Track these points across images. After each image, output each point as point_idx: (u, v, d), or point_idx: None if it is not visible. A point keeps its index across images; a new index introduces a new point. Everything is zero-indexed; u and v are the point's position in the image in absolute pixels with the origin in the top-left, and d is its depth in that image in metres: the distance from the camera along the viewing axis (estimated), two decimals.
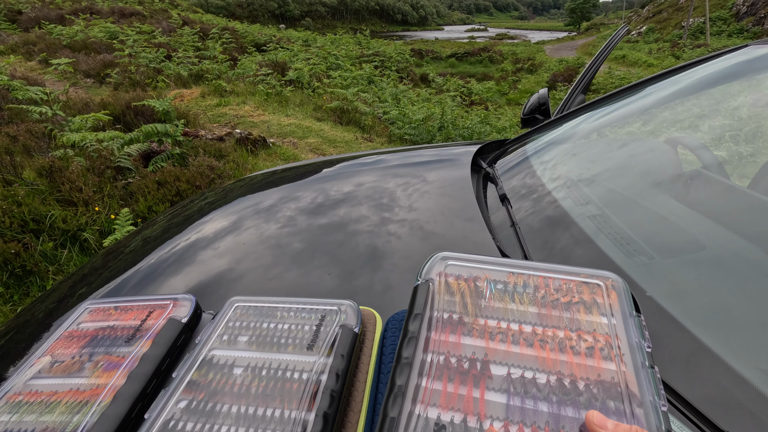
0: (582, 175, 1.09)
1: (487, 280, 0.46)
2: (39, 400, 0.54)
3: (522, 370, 0.38)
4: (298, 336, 0.56)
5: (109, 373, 0.56)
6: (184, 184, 2.44)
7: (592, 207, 0.94)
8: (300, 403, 0.47)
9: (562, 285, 0.45)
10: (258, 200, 1.15)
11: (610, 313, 0.42)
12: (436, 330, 0.41)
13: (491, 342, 0.40)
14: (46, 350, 0.62)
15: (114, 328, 0.64)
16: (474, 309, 0.43)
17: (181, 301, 0.66)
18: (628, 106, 1.35)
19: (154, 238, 1.10)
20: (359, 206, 1.02)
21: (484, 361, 0.39)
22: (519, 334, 0.41)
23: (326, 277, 0.79)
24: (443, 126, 5.12)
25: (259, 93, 6.41)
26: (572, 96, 2.04)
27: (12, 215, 1.90)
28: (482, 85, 13.53)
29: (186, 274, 0.88)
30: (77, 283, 0.98)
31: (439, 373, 0.38)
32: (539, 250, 0.83)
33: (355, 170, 1.32)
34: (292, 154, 4.26)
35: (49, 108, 2.83)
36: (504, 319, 0.42)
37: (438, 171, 1.27)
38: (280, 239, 0.93)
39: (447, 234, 0.89)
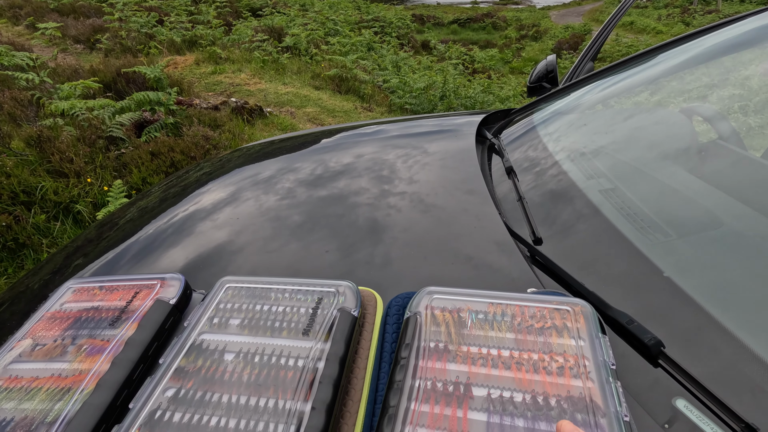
0: (593, 146, 1.04)
1: (469, 311, 0.50)
2: (19, 387, 0.51)
3: (501, 391, 0.41)
4: (293, 320, 0.52)
5: (92, 358, 0.53)
6: (179, 154, 2.37)
7: (603, 180, 0.89)
8: (296, 393, 0.44)
9: (536, 312, 0.49)
10: (255, 172, 1.10)
11: (578, 335, 0.46)
12: (424, 358, 0.45)
13: (473, 366, 0.44)
14: (26, 332, 0.59)
15: (98, 309, 0.60)
16: (457, 337, 0.47)
17: (169, 280, 0.62)
18: (639, 75, 1.28)
19: (149, 210, 1.05)
20: (359, 178, 0.97)
21: (466, 384, 0.42)
22: (498, 359, 0.44)
23: (324, 253, 0.75)
24: (445, 95, 4.97)
25: (255, 60, 6.21)
26: (581, 63, 1.95)
27: (1, 186, 1.84)
28: (485, 53, 13.15)
29: (180, 248, 0.84)
30: (71, 255, 0.95)
31: (426, 396, 0.41)
32: (547, 225, 0.79)
33: (356, 141, 1.26)
34: (289, 123, 4.15)
35: (36, 75, 2.72)
36: (484, 346, 0.46)
37: (441, 142, 1.21)
38: (277, 213, 0.88)
39: (449, 207, 0.85)
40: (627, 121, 1.18)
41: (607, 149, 1.02)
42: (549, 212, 0.83)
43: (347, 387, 0.47)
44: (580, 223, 0.78)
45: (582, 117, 1.22)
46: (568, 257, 0.69)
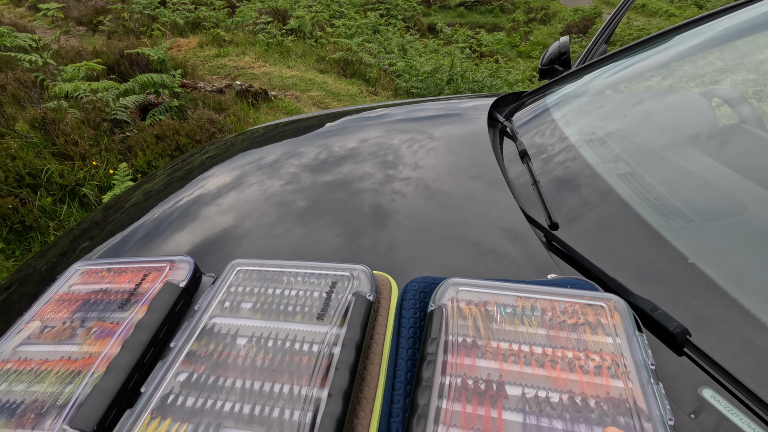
0: (610, 130, 1.01)
1: (496, 304, 0.48)
2: (28, 369, 0.50)
3: (536, 390, 0.39)
4: (306, 304, 0.51)
5: (102, 341, 0.52)
6: (184, 138, 2.35)
7: (621, 164, 0.87)
8: (311, 378, 0.42)
9: (568, 307, 0.47)
10: (260, 156, 1.08)
11: (614, 333, 0.44)
12: (452, 353, 0.43)
13: (504, 363, 0.42)
14: (35, 314, 0.58)
15: (107, 291, 0.59)
16: (486, 332, 0.45)
17: (178, 263, 0.61)
18: (655, 58, 1.23)
19: (155, 193, 1.04)
20: (370, 162, 0.95)
21: (499, 382, 0.40)
22: (530, 356, 0.42)
23: (333, 237, 0.73)
24: (452, 79, 4.88)
25: (260, 43, 6.12)
26: (595, 46, 1.90)
27: (6, 169, 1.83)
28: (492, 37, 12.91)
29: (186, 232, 0.83)
30: (78, 238, 0.94)
31: (457, 395, 0.39)
32: (563, 210, 0.76)
33: (367, 124, 1.23)
34: (294, 107, 4.11)
35: (39, 56, 2.68)
36: (515, 342, 0.44)
37: (452, 125, 1.18)
38: (284, 197, 0.86)
39: (462, 192, 0.83)
40: (644, 104, 1.14)
41: (624, 133, 0.99)
42: (565, 197, 0.81)
43: (363, 373, 0.46)
44: (598, 207, 0.76)
45: (598, 100, 1.18)
46: (586, 243, 0.67)
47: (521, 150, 0.97)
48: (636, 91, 1.20)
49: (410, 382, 0.44)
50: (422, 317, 0.50)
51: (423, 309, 0.51)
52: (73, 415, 0.43)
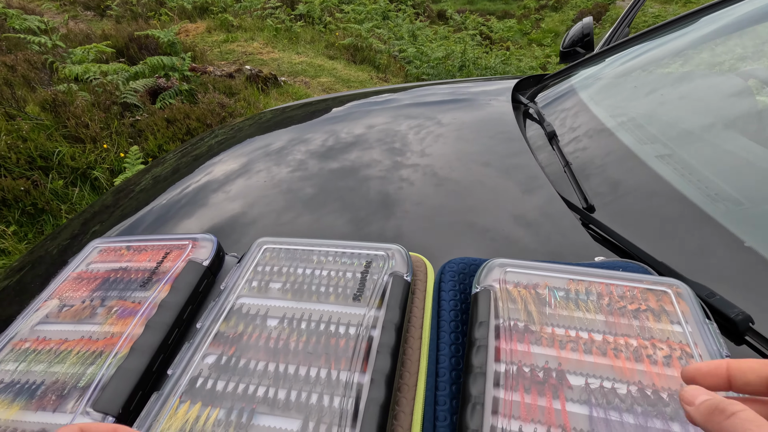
0: (643, 111, 0.96)
1: (547, 287, 0.44)
2: (48, 348, 0.48)
3: (600, 380, 0.36)
4: (340, 284, 0.48)
5: (124, 321, 0.49)
6: (195, 122, 2.31)
7: (658, 146, 0.82)
8: (351, 362, 0.39)
9: (626, 292, 0.43)
10: (270, 140, 1.05)
11: (682, 321, 0.40)
12: (504, 339, 0.39)
13: (562, 351, 0.38)
14: (53, 293, 0.55)
15: (127, 270, 0.56)
16: (539, 317, 0.41)
17: (200, 241, 0.58)
18: (685, 38, 1.18)
19: (165, 177, 1.01)
20: (396, 144, 0.91)
21: (559, 371, 0.37)
22: (590, 343, 0.39)
23: (361, 217, 0.70)
24: (464, 65, 4.79)
25: (268, 28, 6.04)
26: (619, 28, 1.83)
27: (18, 151, 1.81)
28: (503, 24, 12.67)
29: (199, 215, 0.80)
30: (89, 221, 0.92)
31: (514, 384, 0.36)
32: (600, 193, 0.72)
33: (390, 106, 1.19)
34: (304, 93, 4.05)
35: (48, 38, 2.65)
36: (571, 327, 0.40)
37: (475, 107, 1.14)
38: (298, 179, 0.83)
39: (493, 173, 0.79)
40: (678, 85, 1.09)
41: (659, 114, 0.94)
42: (600, 178, 0.77)
43: (402, 358, 0.43)
44: (639, 189, 0.72)
45: (629, 81, 1.13)
46: (628, 225, 0.64)
47: (549, 131, 0.93)
48: (668, 72, 1.14)
49: (455, 368, 0.41)
50: (463, 300, 0.47)
51: (463, 291, 0.48)
52: (97, 397, 0.41)
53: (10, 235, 1.69)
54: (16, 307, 0.70)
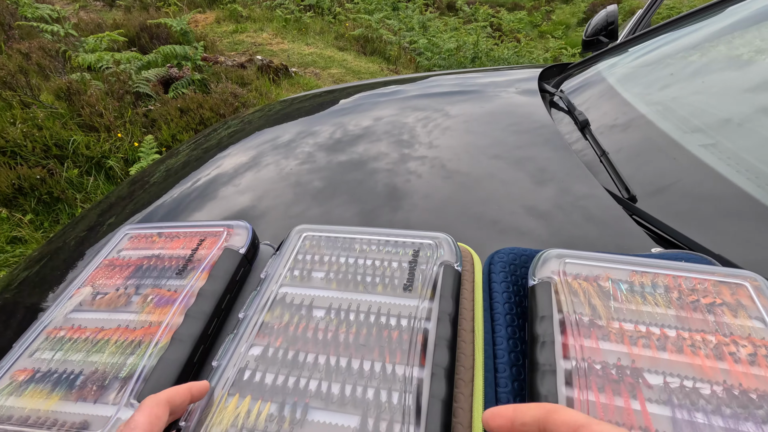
0: (681, 100, 0.92)
1: (610, 279, 0.41)
2: (84, 337, 0.46)
3: (680, 379, 0.33)
4: (387, 274, 0.46)
5: (161, 310, 0.47)
6: (208, 111, 2.29)
7: (700, 135, 0.79)
8: (408, 356, 0.37)
9: (696, 285, 0.40)
10: (281, 132, 1.04)
11: (765, 315, 0.37)
12: (570, 334, 0.37)
13: (633, 347, 0.36)
14: (85, 280, 0.54)
15: (160, 257, 0.55)
16: (605, 311, 0.38)
17: (235, 228, 0.56)
18: (720, 25, 1.13)
19: (178, 168, 1.00)
20: (437, 131, 0.89)
21: (633, 368, 0.34)
22: (664, 339, 0.36)
23: (394, 209, 0.68)
24: (477, 57, 4.72)
25: (277, 19, 5.99)
26: (644, 17, 1.79)
27: (34, 139, 1.80)
28: (513, 16, 12.49)
29: (217, 205, 0.79)
30: (105, 212, 0.91)
31: (587, 382, 0.33)
32: (644, 183, 0.69)
33: (425, 93, 1.17)
34: (315, 85, 4.02)
35: (61, 27, 2.64)
36: (641, 322, 0.37)
37: (503, 95, 1.11)
38: (320, 169, 0.81)
39: (530, 163, 0.76)
40: (717, 73, 1.05)
41: (699, 103, 0.91)
42: (642, 167, 0.74)
43: (456, 352, 0.41)
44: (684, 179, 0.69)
45: (663, 68, 1.09)
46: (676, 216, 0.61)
47: (582, 120, 0.89)
48: (706, 60, 1.10)
49: (516, 363, 0.39)
50: (517, 291, 0.45)
51: (516, 282, 0.46)
52: (141, 388, 0.39)
53: (27, 223, 1.69)
54: (36, 298, 0.70)
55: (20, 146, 1.77)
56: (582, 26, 10.07)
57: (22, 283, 0.77)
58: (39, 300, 0.69)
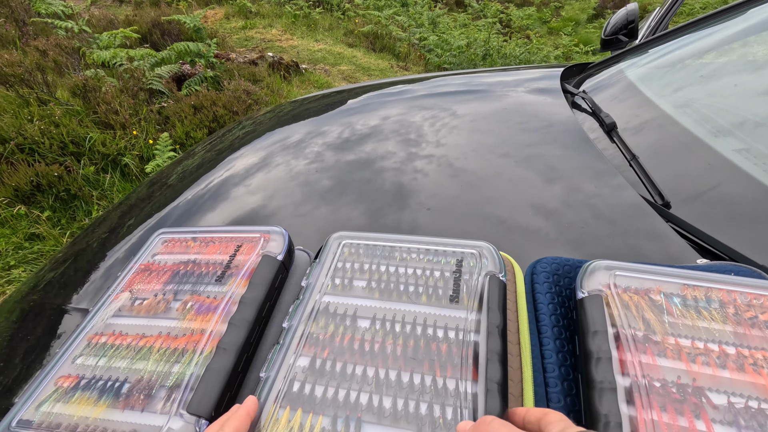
0: (711, 103, 0.91)
1: (661, 293, 0.40)
2: (125, 344, 0.46)
3: (745, 399, 0.32)
4: (430, 284, 0.45)
5: (203, 317, 0.47)
6: (221, 109, 2.30)
7: (732, 140, 0.78)
8: (461, 370, 0.37)
9: (752, 300, 0.39)
10: (292, 133, 1.04)
11: None
12: (625, 350, 0.36)
13: (693, 365, 0.35)
14: (123, 285, 0.54)
15: (197, 263, 0.55)
16: (660, 326, 0.38)
17: (272, 234, 0.56)
18: (745, 25, 1.11)
19: (194, 170, 1.02)
20: (465, 130, 0.88)
21: (695, 387, 0.33)
22: (723, 357, 0.35)
23: (425, 210, 0.67)
24: (488, 54, 4.68)
25: (286, 15, 5.97)
26: (665, 16, 1.75)
27: (51, 136, 1.81)
28: (522, 12, 12.36)
29: (236, 205, 0.80)
30: (126, 213, 0.92)
31: (649, 401, 0.32)
32: (674, 188, 0.68)
33: (442, 93, 1.16)
34: (325, 81, 4.01)
35: (74, 23, 2.65)
36: (698, 339, 0.37)
37: (523, 96, 1.10)
38: (340, 170, 0.81)
39: (559, 168, 0.75)
40: (748, 75, 1.03)
41: (730, 106, 0.89)
42: (671, 173, 0.73)
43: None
44: (719, 185, 0.68)
45: (691, 70, 1.07)
46: (712, 224, 0.60)
47: (609, 123, 0.88)
48: (734, 62, 1.08)
49: (567, 377, 0.38)
50: (561, 303, 0.44)
51: (560, 294, 0.45)
52: (189, 399, 0.39)
53: (45, 220, 1.71)
54: (60, 300, 0.70)
55: (38, 143, 1.79)
56: (592, 23, 9.92)
57: (48, 284, 0.77)
58: (65, 301, 0.70)
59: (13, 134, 1.74)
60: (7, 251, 1.62)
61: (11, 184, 1.67)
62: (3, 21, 2.87)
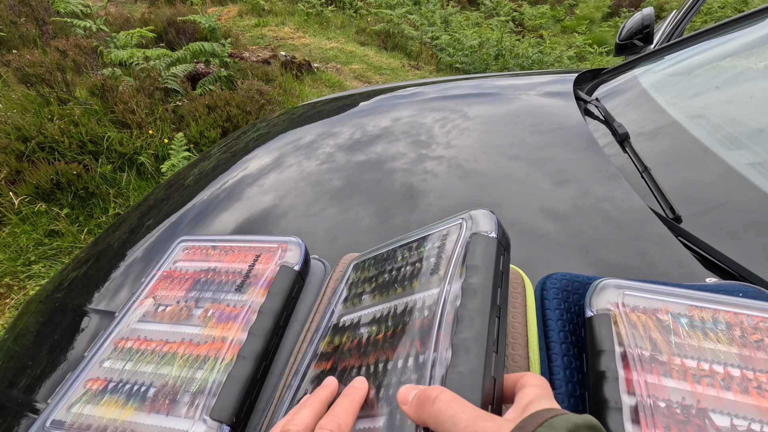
0: (727, 114, 0.90)
1: (669, 313, 0.41)
2: (150, 349, 0.49)
3: (747, 422, 0.33)
4: (423, 270, 0.46)
5: (224, 325, 0.49)
6: (235, 108, 2.33)
7: (746, 152, 0.77)
8: (432, 338, 0.38)
9: (759, 323, 0.40)
10: (305, 134, 1.06)
11: None
12: (632, 369, 0.37)
13: (698, 386, 0.36)
14: (147, 291, 0.56)
15: (217, 271, 0.57)
16: (666, 346, 0.38)
17: (289, 245, 0.58)
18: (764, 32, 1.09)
19: (209, 172, 1.05)
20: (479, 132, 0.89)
21: (699, 409, 0.34)
22: (728, 379, 0.36)
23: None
24: (501, 54, 4.66)
25: (299, 13, 6.01)
26: (681, 22, 1.73)
27: (70, 135, 1.86)
28: (535, 10, 12.23)
29: (251, 208, 0.82)
30: (145, 215, 0.95)
31: (654, 421, 0.33)
32: (685, 202, 0.68)
33: (455, 97, 1.17)
34: (336, 80, 4.03)
35: (92, 22, 2.69)
36: (703, 360, 0.37)
37: (536, 103, 1.10)
38: (363, 175, 0.82)
39: (572, 178, 0.76)
40: (765, 86, 1.02)
41: (744, 118, 0.89)
42: (681, 186, 0.73)
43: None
44: (734, 200, 0.68)
45: (707, 80, 1.07)
46: (725, 240, 0.60)
47: (622, 133, 0.88)
48: (753, 71, 1.07)
49: (573, 394, 0.40)
50: (570, 319, 0.45)
51: (569, 310, 0.46)
52: (212, 404, 0.41)
53: (63, 217, 1.75)
54: (83, 298, 0.73)
55: (57, 142, 1.83)
56: (606, 21, 9.78)
57: (72, 284, 0.80)
58: (86, 300, 0.72)
59: (34, 133, 1.79)
60: (27, 247, 1.67)
61: (32, 181, 1.72)
62: (24, 20, 2.94)
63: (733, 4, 6.77)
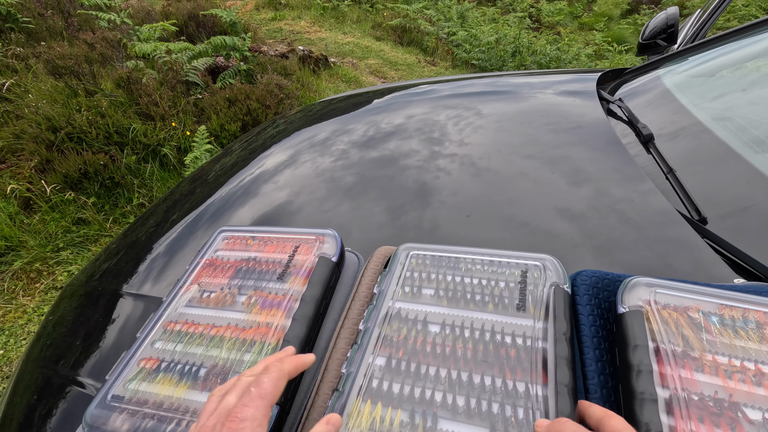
0: (754, 117, 0.87)
1: (700, 311, 0.41)
2: (198, 332, 0.50)
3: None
4: (495, 293, 0.47)
5: (268, 312, 0.50)
6: (254, 102, 2.34)
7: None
8: (530, 373, 0.38)
9: None
10: (319, 131, 1.07)
11: None
12: (665, 363, 0.37)
13: (729, 381, 0.36)
14: (192, 278, 0.57)
15: (258, 260, 0.58)
16: (698, 343, 0.39)
17: (326, 237, 0.58)
18: None
19: (229, 168, 1.05)
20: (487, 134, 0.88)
21: (731, 402, 0.34)
22: (759, 375, 0.36)
23: (464, 217, 0.68)
24: (518, 51, 4.61)
25: (315, 7, 6.01)
26: (707, 22, 1.68)
27: (97, 126, 1.89)
28: (553, 6, 12.06)
29: (271, 201, 0.84)
30: (171, 209, 0.96)
31: (688, 413, 0.34)
32: (711, 204, 0.66)
33: (477, 96, 1.17)
34: (353, 75, 4.03)
35: (116, 15, 2.73)
36: (735, 357, 0.38)
37: (560, 103, 1.08)
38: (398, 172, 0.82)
39: (593, 179, 0.74)
40: None
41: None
42: (708, 189, 0.70)
43: None
44: (760, 203, 0.65)
45: (733, 82, 1.03)
46: (752, 243, 0.58)
47: (647, 134, 0.85)
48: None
49: (605, 386, 0.40)
50: (601, 315, 0.45)
51: (599, 306, 0.46)
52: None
53: (90, 206, 1.78)
54: (115, 286, 0.74)
55: (85, 133, 1.86)
56: (625, 18, 9.60)
57: (104, 273, 0.82)
58: (117, 288, 0.74)
59: (64, 123, 1.82)
60: (56, 234, 1.71)
61: (61, 171, 1.75)
62: (51, 12, 2.99)
63: (757, 2, 6.58)
